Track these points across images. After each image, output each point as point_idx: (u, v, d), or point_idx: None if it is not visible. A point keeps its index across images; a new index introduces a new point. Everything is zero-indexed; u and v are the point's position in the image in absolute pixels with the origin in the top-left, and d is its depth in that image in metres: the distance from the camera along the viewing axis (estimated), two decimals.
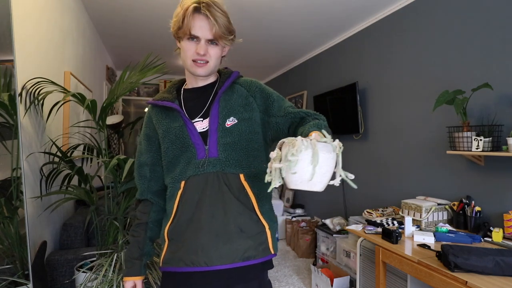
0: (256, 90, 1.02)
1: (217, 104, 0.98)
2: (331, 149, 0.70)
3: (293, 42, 3.79)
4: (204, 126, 0.97)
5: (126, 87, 1.98)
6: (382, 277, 1.90)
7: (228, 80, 1.01)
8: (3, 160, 1.44)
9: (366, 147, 3.17)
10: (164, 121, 1.01)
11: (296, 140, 0.68)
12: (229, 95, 1.00)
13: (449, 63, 2.28)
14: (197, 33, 0.92)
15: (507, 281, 1.31)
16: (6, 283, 1.39)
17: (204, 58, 0.94)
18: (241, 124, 0.97)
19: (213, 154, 0.95)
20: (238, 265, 0.92)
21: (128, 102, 5.56)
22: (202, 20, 0.91)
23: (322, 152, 0.68)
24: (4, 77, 1.41)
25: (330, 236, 2.93)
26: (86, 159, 2.32)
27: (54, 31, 2.12)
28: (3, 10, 1.40)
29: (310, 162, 0.67)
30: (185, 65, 0.98)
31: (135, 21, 3.19)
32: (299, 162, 0.67)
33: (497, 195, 1.94)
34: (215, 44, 0.95)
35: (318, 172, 0.68)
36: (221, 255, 0.91)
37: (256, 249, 0.94)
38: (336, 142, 0.71)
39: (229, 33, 0.95)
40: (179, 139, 0.97)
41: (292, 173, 0.68)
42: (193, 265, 0.91)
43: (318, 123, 0.87)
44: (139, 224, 1.05)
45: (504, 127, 1.88)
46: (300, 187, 0.69)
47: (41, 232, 1.89)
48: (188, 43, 0.93)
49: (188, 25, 0.91)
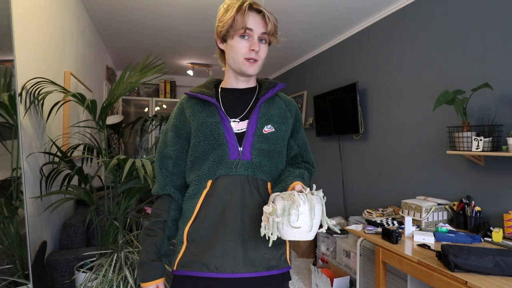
0: (293, 109, 1.06)
1: (258, 109, 0.98)
2: (319, 200, 0.77)
3: (293, 42, 3.79)
4: (240, 127, 0.96)
5: (126, 87, 1.98)
6: (382, 277, 1.90)
7: (273, 89, 1.02)
8: (3, 160, 1.44)
9: (366, 147, 3.17)
10: (200, 115, 0.98)
11: (294, 195, 0.75)
12: (270, 104, 1.02)
13: (449, 63, 2.28)
14: (252, 27, 0.93)
15: (507, 281, 1.31)
16: (6, 283, 1.39)
17: (256, 56, 0.95)
18: (277, 134, 0.98)
19: (246, 157, 0.93)
20: (261, 274, 0.90)
21: (128, 102, 5.56)
22: (256, 16, 0.94)
23: (317, 205, 0.75)
24: (4, 77, 1.41)
25: (330, 236, 2.93)
26: (86, 159, 2.32)
27: (54, 31, 2.12)
28: (3, 10, 1.40)
29: (309, 215, 0.74)
30: (234, 64, 0.98)
31: (135, 21, 3.19)
32: (301, 216, 0.73)
33: (497, 195, 1.94)
34: (264, 42, 0.97)
35: (315, 224, 0.75)
36: (247, 262, 0.88)
37: (279, 259, 0.94)
38: (321, 193, 0.79)
39: (276, 30, 0.99)
40: (213, 134, 0.94)
41: (294, 227, 0.74)
42: (217, 270, 0.88)
43: (301, 174, 0.95)
44: (156, 222, 0.98)
45: (504, 127, 1.88)
46: (299, 238, 0.75)
47: (41, 232, 1.89)
48: (240, 41, 0.94)
49: (244, 20, 0.92)
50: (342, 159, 3.56)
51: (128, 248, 1.78)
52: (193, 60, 4.67)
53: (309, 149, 1.08)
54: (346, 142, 3.50)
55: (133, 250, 1.75)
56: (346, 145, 3.50)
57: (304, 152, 1.06)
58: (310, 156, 1.07)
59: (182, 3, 2.78)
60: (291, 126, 1.04)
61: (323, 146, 4.00)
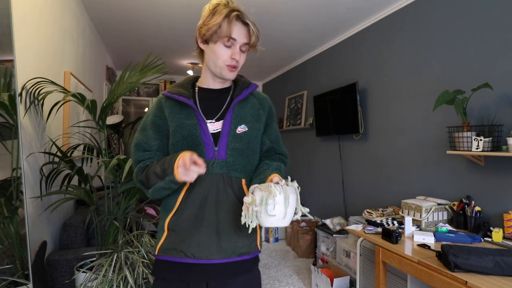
0: (266, 106, 1.12)
1: (231, 110, 1.04)
2: (294, 191, 0.87)
3: (293, 42, 3.79)
4: (215, 128, 1.02)
5: (126, 87, 1.98)
6: (382, 277, 1.90)
7: (246, 90, 1.08)
8: (3, 160, 1.44)
9: (366, 147, 3.17)
10: (178, 116, 1.03)
11: (271, 187, 0.84)
12: (243, 104, 1.07)
13: (449, 63, 2.28)
14: (237, 37, 0.98)
15: (507, 281, 1.31)
16: (6, 283, 1.39)
17: (236, 64, 1.02)
18: (250, 133, 1.05)
19: (221, 156, 1.00)
20: (233, 260, 1.01)
21: (128, 102, 5.56)
22: (241, 26, 0.99)
23: (291, 195, 0.85)
24: (4, 77, 1.41)
25: (330, 236, 2.93)
26: (86, 159, 2.32)
27: (54, 31, 2.12)
28: (3, 10, 1.40)
29: (283, 204, 0.83)
30: (214, 68, 1.03)
31: (135, 21, 3.19)
32: (277, 205, 0.82)
33: (497, 195, 1.94)
34: (243, 52, 1.03)
35: (289, 212, 0.84)
36: (220, 250, 0.98)
37: (249, 246, 1.04)
38: (296, 184, 0.89)
39: (257, 41, 1.04)
40: (190, 136, 1.00)
41: (271, 215, 0.83)
42: (194, 257, 0.98)
43: (278, 167, 1.03)
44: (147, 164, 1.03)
45: (504, 127, 1.88)
46: (275, 224, 0.84)
47: (41, 232, 1.89)
48: (223, 48, 0.99)
49: (229, 29, 0.97)
50: (342, 159, 3.56)
51: (128, 248, 1.78)
52: (193, 60, 4.67)
53: (281, 142, 1.16)
54: (346, 142, 3.50)
55: (133, 250, 1.75)
56: (346, 145, 3.50)
57: (276, 145, 1.13)
58: (282, 149, 1.15)
59: (182, 3, 2.78)
60: (264, 122, 1.10)
61: (323, 146, 4.00)
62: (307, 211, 0.89)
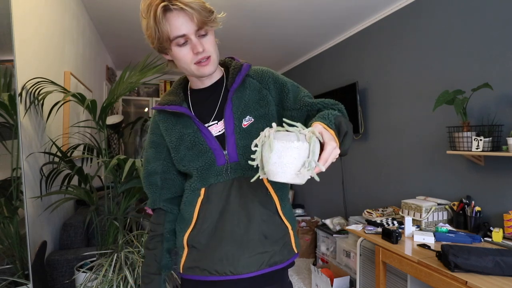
0: (269, 81, 0.94)
1: (230, 104, 0.90)
2: (293, 138, 0.65)
3: (293, 42, 3.79)
4: (218, 129, 0.91)
5: (126, 87, 1.98)
6: (382, 277, 1.90)
7: (239, 75, 0.91)
8: (3, 160, 1.44)
9: (366, 147, 3.17)
10: (176, 128, 0.93)
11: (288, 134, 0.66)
12: (241, 91, 0.92)
13: (449, 63, 2.28)
14: (182, 31, 0.81)
15: (507, 281, 1.31)
16: (6, 283, 1.39)
17: (205, 54, 0.84)
18: (259, 123, 0.90)
19: (233, 159, 0.89)
20: (264, 271, 0.90)
21: (128, 102, 5.55)
22: (177, 16, 0.80)
23: (280, 141, 0.65)
24: (4, 77, 1.41)
25: (330, 236, 2.93)
26: (86, 159, 2.32)
27: (54, 31, 2.12)
28: (3, 10, 1.40)
29: (268, 151, 0.65)
30: (188, 72, 0.90)
31: (135, 21, 3.19)
32: (263, 152, 0.67)
33: (497, 195, 1.94)
34: (204, 34, 0.84)
35: (278, 162, 0.64)
36: (246, 264, 0.88)
37: (282, 253, 0.92)
38: (305, 131, 0.66)
39: (210, 13, 0.83)
40: (195, 145, 0.90)
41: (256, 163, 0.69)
42: (218, 273, 0.88)
43: (325, 114, 0.78)
44: (154, 236, 0.98)
45: (504, 127, 1.88)
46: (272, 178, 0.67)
47: (41, 232, 1.89)
48: (180, 49, 0.84)
49: (167, 30, 0.80)
50: (342, 159, 3.56)
51: (128, 248, 1.78)
52: None
53: (311, 96, 0.93)
54: None
55: (133, 250, 1.75)
56: None
57: (312, 106, 0.88)
58: (320, 101, 0.89)
59: None
60: (273, 102, 0.93)
61: None
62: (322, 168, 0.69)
